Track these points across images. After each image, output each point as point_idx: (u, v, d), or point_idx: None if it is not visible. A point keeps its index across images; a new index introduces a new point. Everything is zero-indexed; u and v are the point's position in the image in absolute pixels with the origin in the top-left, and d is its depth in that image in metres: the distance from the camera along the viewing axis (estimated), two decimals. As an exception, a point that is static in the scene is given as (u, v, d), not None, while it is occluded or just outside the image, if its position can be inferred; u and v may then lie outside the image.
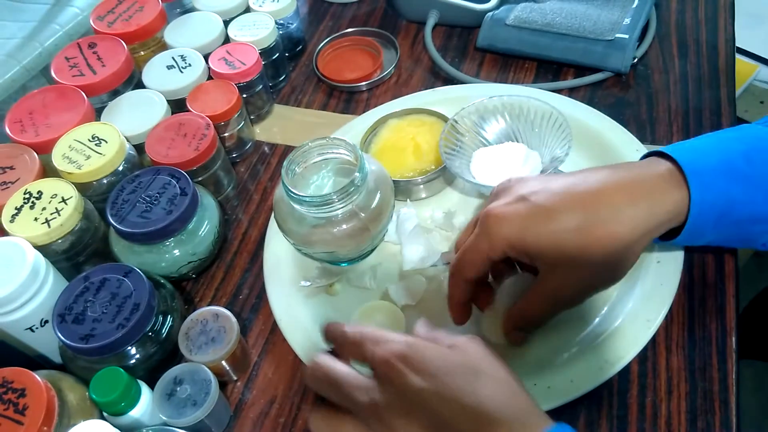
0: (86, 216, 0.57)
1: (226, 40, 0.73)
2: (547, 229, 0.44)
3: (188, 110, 0.65)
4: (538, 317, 0.48)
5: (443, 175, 0.62)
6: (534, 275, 0.47)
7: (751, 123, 0.50)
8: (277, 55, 0.75)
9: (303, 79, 0.79)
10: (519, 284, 0.50)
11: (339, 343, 0.42)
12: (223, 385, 0.54)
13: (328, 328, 0.42)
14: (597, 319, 0.52)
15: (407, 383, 0.36)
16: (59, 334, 0.50)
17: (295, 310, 0.57)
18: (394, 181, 0.57)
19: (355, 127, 0.68)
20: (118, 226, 0.56)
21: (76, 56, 0.68)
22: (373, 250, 0.59)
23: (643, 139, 0.63)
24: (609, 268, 0.45)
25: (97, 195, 0.60)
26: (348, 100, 0.76)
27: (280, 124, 0.75)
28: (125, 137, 0.62)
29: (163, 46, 0.72)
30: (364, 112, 0.72)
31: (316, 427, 0.39)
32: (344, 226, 0.52)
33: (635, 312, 0.51)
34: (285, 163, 0.52)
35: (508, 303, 0.50)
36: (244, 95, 0.70)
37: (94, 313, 0.51)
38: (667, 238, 0.47)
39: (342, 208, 0.51)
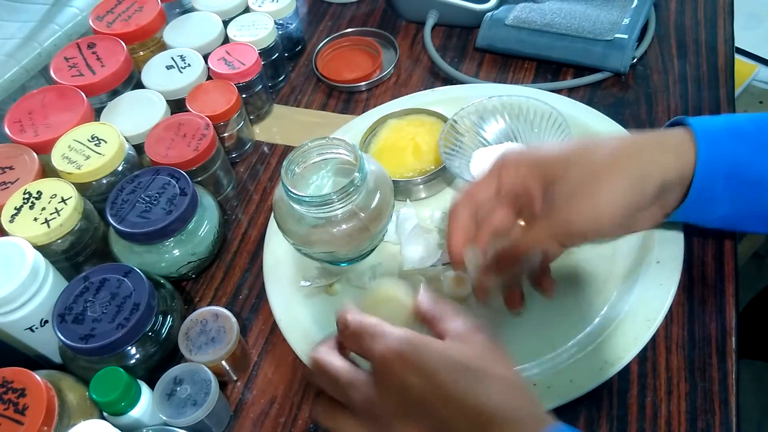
0: (86, 216, 0.57)
1: (226, 40, 0.73)
2: (559, 162, 0.46)
3: (188, 110, 0.65)
4: (542, 240, 0.47)
5: (443, 175, 0.62)
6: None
7: None
8: (277, 55, 0.75)
9: (302, 79, 0.79)
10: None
11: (341, 333, 0.41)
12: (223, 385, 0.54)
13: (339, 315, 0.41)
14: (597, 319, 0.52)
15: (404, 383, 0.35)
16: (59, 334, 0.50)
17: (295, 310, 0.57)
18: (393, 181, 0.57)
19: (354, 127, 0.68)
20: (117, 226, 0.56)
21: (75, 56, 0.68)
22: (372, 250, 0.59)
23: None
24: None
25: (97, 195, 0.60)
26: (347, 100, 0.76)
27: (280, 124, 0.75)
28: (125, 137, 0.62)
29: (163, 47, 0.72)
30: (363, 112, 0.72)
31: (316, 415, 0.40)
32: (344, 226, 0.52)
33: (635, 312, 0.51)
34: (284, 163, 0.52)
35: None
36: (244, 95, 0.70)
37: (94, 313, 0.51)
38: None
39: (342, 208, 0.51)
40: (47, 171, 0.60)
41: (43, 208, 0.55)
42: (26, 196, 0.56)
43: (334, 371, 0.38)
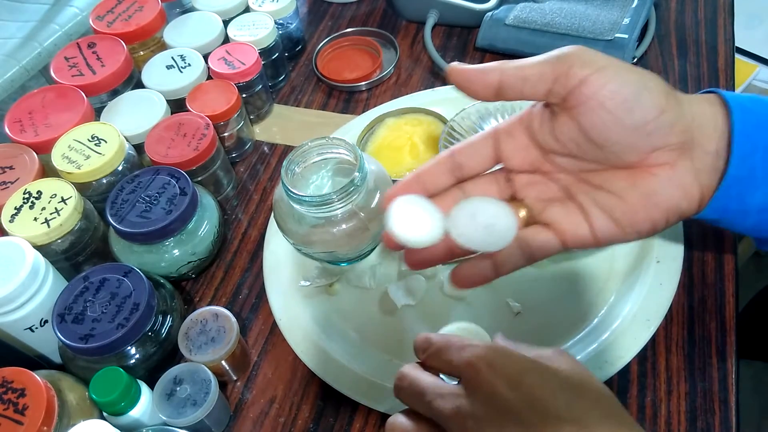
0: (86, 216, 0.57)
1: (226, 39, 0.73)
2: None
3: (188, 110, 0.65)
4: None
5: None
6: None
7: None
8: (277, 54, 0.75)
9: (302, 78, 0.79)
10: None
11: (425, 352, 0.38)
12: (222, 384, 0.54)
13: (417, 338, 0.39)
14: (596, 319, 0.52)
15: (496, 392, 0.33)
16: (59, 334, 0.50)
17: (295, 309, 0.57)
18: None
19: (354, 126, 0.68)
20: (117, 226, 0.56)
21: (75, 56, 0.68)
22: (372, 250, 0.59)
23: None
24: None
25: (97, 195, 0.60)
26: (347, 99, 0.76)
27: (280, 123, 0.75)
28: (125, 137, 0.62)
29: (163, 46, 0.72)
30: (363, 111, 0.72)
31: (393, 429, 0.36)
32: (344, 226, 0.52)
33: (635, 312, 0.51)
34: (284, 163, 0.52)
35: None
36: (244, 95, 0.70)
37: (94, 312, 0.51)
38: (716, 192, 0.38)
39: (341, 207, 0.51)
40: (47, 171, 0.60)
41: (43, 208, 0.55)
42: (26, 195, 0.56)
43: (421, 384, 0.36)
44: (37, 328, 0.52)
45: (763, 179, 0.38)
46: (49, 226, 0.54)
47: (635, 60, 0.71)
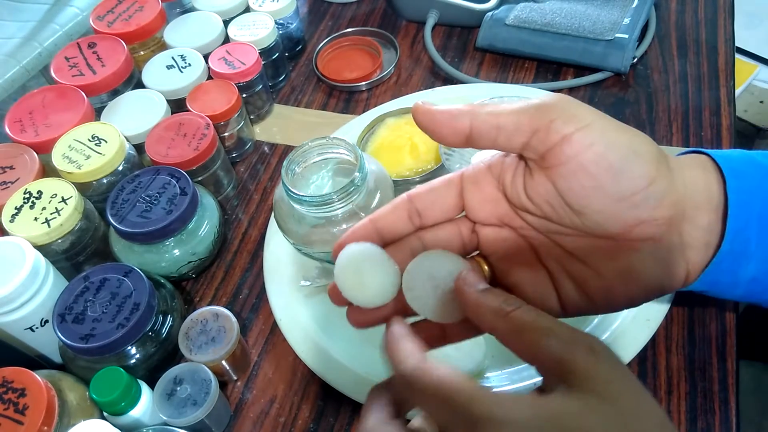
0: (86, 216, 0.57)
1: (226, 39, 0.73)
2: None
3: (188, 110, 0.65)
4: None
5: (440, 174, 0.62)
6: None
7: None
8: (277, 54, 0.75)
9: (303, 78, 0.79)
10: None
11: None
12: (223, 384, 0.54)
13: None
14: (596, 320, 0.52)
15: None
16: (59, 334, 0.50)
17: (295, 309, 0.57)
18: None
19: (355, 126, 0.68)
20: (118, 226, 0.56)
21: (75, 56, 0.68)
22: (373, 250, 0.59)
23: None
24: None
25: (97, 195, 0.60)
26: (348, 99, 0.76)
27: (280, 123, 0.75)
28: (125, 137, 0.62)
29: (163, 46, 0.72)
30: (363, 111, 0.72)
31: None
32: (344, 226, 0.52)
33: (635, 312, 0.51)
34: (285, 163, 0.52)
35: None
36: (244, 95, 0.70)
37: (94, 312, 0.51)
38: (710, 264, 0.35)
39: (342, 207, 0.51)
40: (48, 171, 0.60)
41: (44, 208, 0.55)
42: (26, 195, 0.56)
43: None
44: (37, 328, 0.52)
45: (756, 250, 0.35)
46: (49, 226, 0.54)
47: (635, 60, 0.71)
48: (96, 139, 0.60)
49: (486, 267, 0.36)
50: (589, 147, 0.31)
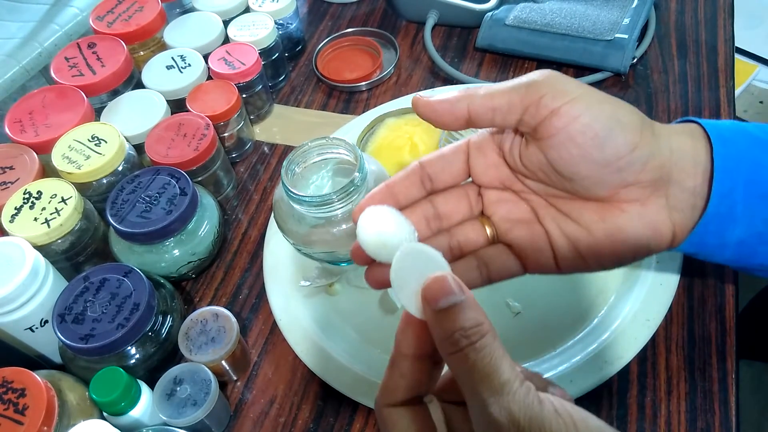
0: (86, 216, 0.57)
1: (226, 40, 0.73)
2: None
3: (188, 110, 0.65)
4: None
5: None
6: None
7: None
8: (277, 55, 0.75)
9: (303, 79, 0.79)
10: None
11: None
12: (223, 385, 0.54)
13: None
14: (596, 320, 0.52)
15: None
16: (59, 334, 0.50)
17: (295, 309, 0.57)
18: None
19: (354, 127, 0.68)
20: (117, 226, 0.56)
21: (75, 56, 0.68)
22: (372, 250, 0.59)
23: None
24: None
25: (97, 195, 0.60)
26: (348, 100, 0.76)
27: (280, 124, 0.75)
28: (125, 137, 0.62)
29: (163, 46, 0.73)
30: (363, 112, 0.72)
31: None
32: (344, 226, 0.52)
33: (635, 312, 0.51)
34: (284, 163, 0.52)
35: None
36: (244, 95, 0.70)
37: (94, 313, 0.51)
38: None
39: (342, 208, 0.51)
40: (47, 171, 0.60)
41: (43, 208, 0.55)
42: (26, 196, 0.56)
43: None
44: (37, 328, 0.52)
45: (742, 214, 0.36)
46: (49, 227, 0.54)
47: (635, 60, 0.71)
48: (96, 139, 0.60)
49: (488, 228, 0.39)
50: (576, 119, 0.34)
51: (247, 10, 0.76)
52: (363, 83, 0.76)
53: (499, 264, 0.39)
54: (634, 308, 0.51)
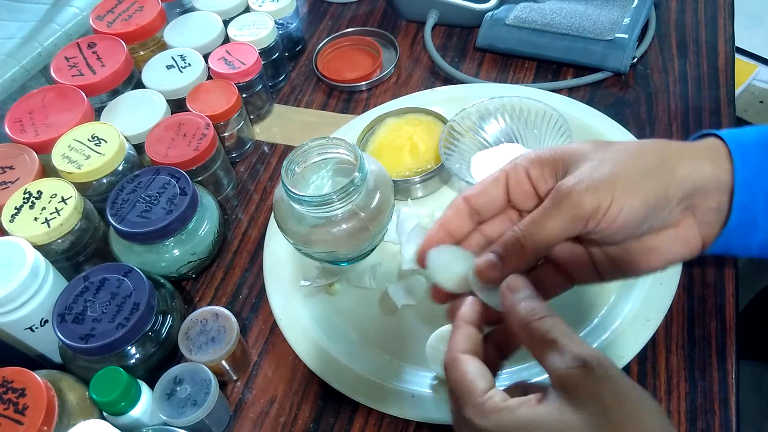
0: (86, 216, 0.57)
1: (226, 39, 0.73)
2: (573, 156, 0.39)
3: (188, 110, 0.65)
4: (553, 232, 0.38)
5: (440, 174, 0.62)
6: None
7: None
8: (277, 54, 0.75)
9: (303, 78, 0.79)
10: None
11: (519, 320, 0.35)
12: (223, 384, 0.54)
13: (512, 285, 0.37)
14: (596, 320, 0.52)
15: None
16: (59, 334, 0.50)
17: (295, 309, 0.57)
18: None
19: (354, 126, 0.68)
20: (117, 226, 0.56)
21: (75, 56, 0.68)
22: (372, 250, 0.59)
23: (642, 139, 0.63)
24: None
25: (97, 195, 0.60)
26: (348, 99, 0.76)
27: (280, 123, 0.75)
28: (125, 137, 0.62)
29: (163, 46, 0.72)
30: (363, 111, 0.72)
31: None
32: (344, 226, 0.52)
33: (635, 312, 0.51)
34: (285, 163, 0.52)
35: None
36: (244, 95, 0.70)
37: (94, 312, 0.51)
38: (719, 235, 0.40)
39: (342, 207, 0.51)
40: (47, 171, 0.60)
41: (44, 208, 0.55)
42: (26, 195, 0.56)
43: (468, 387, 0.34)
44: (37, 327, 0.52)
45: (764, 222, 0.39)
46: (49, 226, 0.54)
47: (635, 60, 0.71)
48: (96, 139, 0.60)
49: None
50: (615, 220, 0.37)
51: (247, 9, 0.76)
52: (363, 83, 0.76)
53: (551, 282, 0.42)
54: (634, 308, 0.51)
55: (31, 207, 0.55)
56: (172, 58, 0.69)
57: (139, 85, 0.69)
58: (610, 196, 0.37)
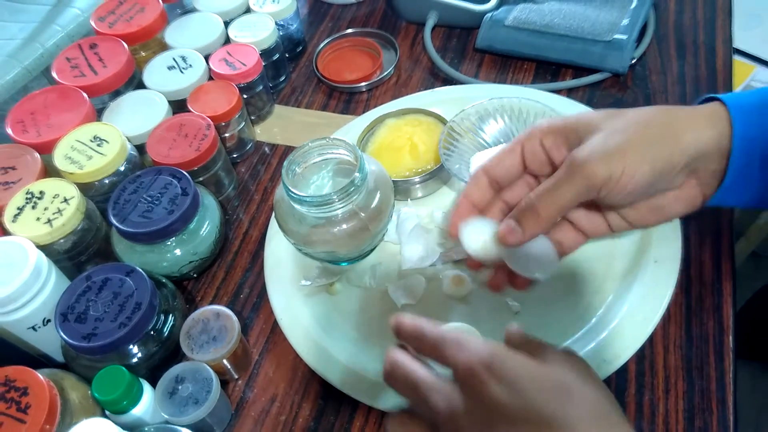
0: (88, 216, 0.57)
1: (227, 40, 0.73)
2: (586, 125, 0.43)
3: (189, 111, 0.65)
4: (566, 196, 0.42)
5: (439, 174, 0.63)
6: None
7: None
8: (278, 55, 0.75)
9: (303, 79, 0.80)
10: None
11: (415, 342, 0.38)
12: (224, 383, 0.54)
13: (401, 323, 0.39)
14: (594, 319, 0.53)
15: (491, 394, 0.33)
16: (62, 333, 0.50)
17: (296, 309, 0.57)
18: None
19: (354, 127, 0.69)
20: (119, 226, 0.56)
21: (77, 57, 0.68)
22: (373, 250, 0.59)
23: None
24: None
25: (99, 195, 0.61)
26: (348, 100, 0.76)
27: (281, 124, 0.76)
28: (126, 137, 0.62)
29: (164, 47, 0.73)
30: (363, 112, 0.72)
31: (388, 427, 0.38)
32: (344, 226, 0.53)
33: (633, 311, 0.51)
34: (285, 164, 0.52)
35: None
36: (245, 96, 0.70)
37: (97, 312, 0.51)
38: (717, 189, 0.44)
39: (342, 208, 0.51)
40: (49, 171, 0.60)
41: (46, 208, 0.55)
42: (29, 196, 0.56)
43: (415, 377, 0.36)
44: (39, 327, 0.53)
45: (759, 179, 0.43)
46: (51, 226, 0.54)
47: (634, 61, 0.71)
48: (97, 139, 0.60)
49: None
50: (625, 187, 0.41)
51: (248, 11, 0.76)
52: (363, 84, 0.76)
53: (568, 240, 0.47)
54: (632, 307, 0.52)
55: (34, 207, 0.56)
56: (174, 59, 0.70)
57: (141, 85, 0.69)
58: (621, 166, 0.40)
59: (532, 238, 0.43)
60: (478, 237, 0.45)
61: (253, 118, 0.74)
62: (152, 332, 0.53)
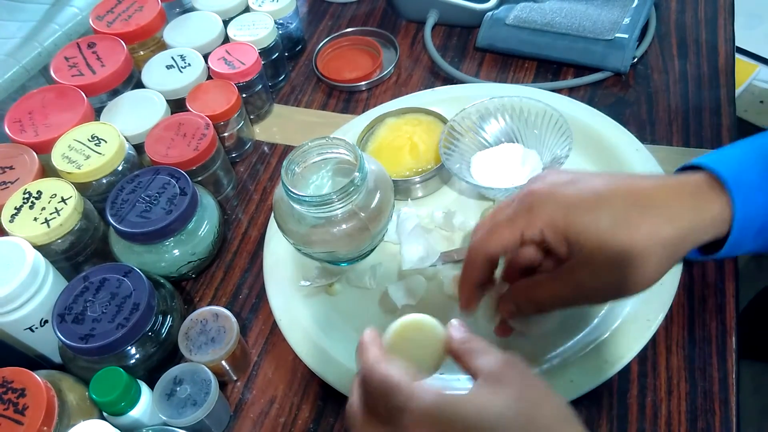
0: (86, 216, 0.57)
1: (226, 39, 0.73)
2: (594, 217, 0.41)
3: (188, 110, 0.65)
4: (546, 302, 0.44)
5: (440, 174, 0.62)
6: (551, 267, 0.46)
7: None
8: (277, 54, 0.75)
9: (302, 78, 0.79)
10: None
11: (365, 384, 0.39)
12: (222, 385, 0.54)
13: (363, 365, 0.39)
14: (597, 320, 0.52)
15: None
16: (59, 334, 0.50)
17: (295, 309, 0.57)
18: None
19: (354, 126, 0.68)
20: (117, 226, 0.56)
21: (75, 56, 0.68)
22: (372, 250, 0.59)
23: (642, 139, 0.63)
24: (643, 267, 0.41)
25: (97, 195, 0.60)
26: (348, 99, 0.76)
27: (280, 123, 0.75)
28: (125, 137, 0.62)
29: (163, 46, 0.72)
30: (363, 111, 0.72)
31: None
32: (344, 226, 0.52)
33: (635, 312, 0.51)
34: (284, 163, 0.52)
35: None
36: (244, 95, 0.70)
37: (94, 312, 0.51)
38: (707, 253, 0.45)
39: (341, 207, 0.51)
40: (47, 171, 0.60)
41: (43, 208, 0.55)
42: (26, 195, 0.56)
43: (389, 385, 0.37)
44: (37, 328, 0.52)
45: (752, 244, 0.43)
46: (49, 226, 0.54)
47: (635, 60, 0.71)
48: (95, 139, 0.60)
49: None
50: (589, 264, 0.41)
51: (247, 9, 0.75)
52: (363, 83, 0.76)
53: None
54: (634, 308, 0.51)
55: (31, 207, 0.55)
56: (172, 58, 0.69)
57: (139, 85, 0.69)
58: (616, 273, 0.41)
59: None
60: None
61: (252, 117, 0.74)
62: (150, 333, 0.52)
